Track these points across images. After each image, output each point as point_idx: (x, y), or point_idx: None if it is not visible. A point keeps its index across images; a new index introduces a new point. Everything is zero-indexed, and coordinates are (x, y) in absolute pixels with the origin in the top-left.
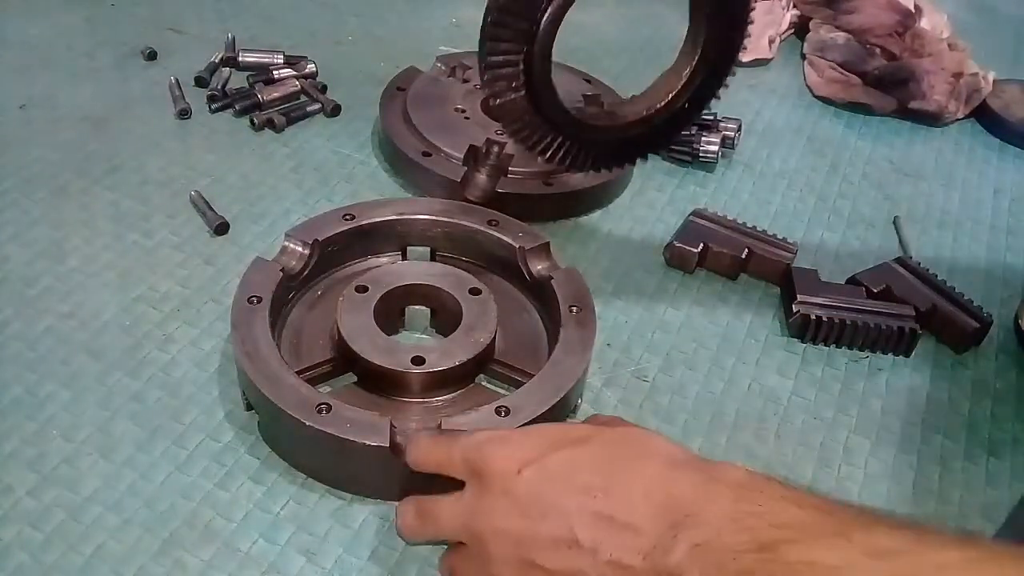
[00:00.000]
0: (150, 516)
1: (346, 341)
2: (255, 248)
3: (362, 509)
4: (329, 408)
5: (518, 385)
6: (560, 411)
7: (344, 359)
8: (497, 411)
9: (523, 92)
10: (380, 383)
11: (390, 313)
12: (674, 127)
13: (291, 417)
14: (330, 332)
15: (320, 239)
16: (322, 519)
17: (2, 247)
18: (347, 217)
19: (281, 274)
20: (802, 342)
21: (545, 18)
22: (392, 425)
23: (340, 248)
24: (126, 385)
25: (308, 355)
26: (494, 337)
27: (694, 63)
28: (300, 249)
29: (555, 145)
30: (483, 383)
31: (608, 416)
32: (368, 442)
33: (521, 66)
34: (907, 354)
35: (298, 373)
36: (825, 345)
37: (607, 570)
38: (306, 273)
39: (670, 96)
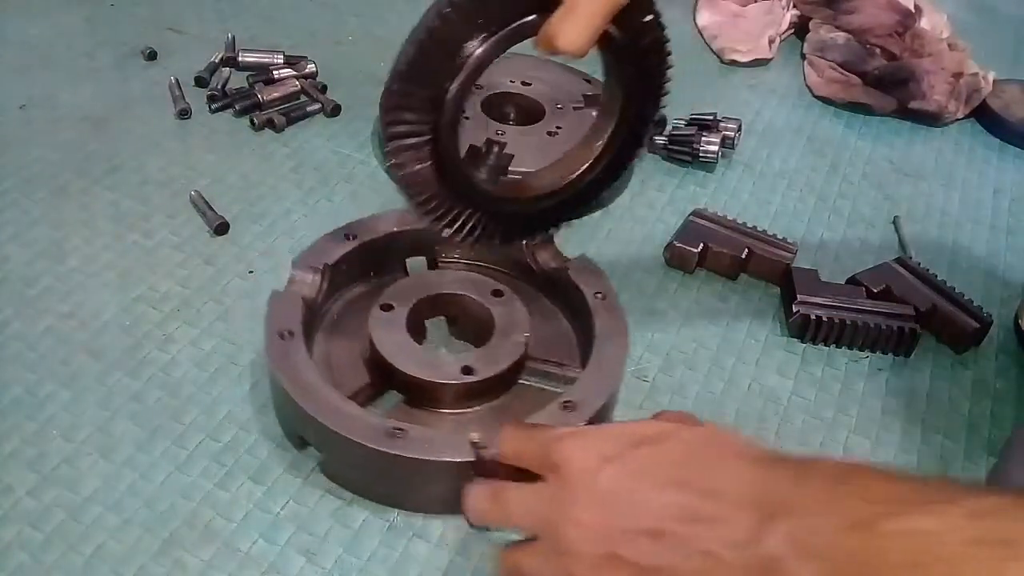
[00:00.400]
0: (150, 516)
1: (388, 361)
2: (255, 248)
3: (362, 509)
4: (402, 431)
5: (558, 379)
6: (615, 399)
7: (382, 379)
8: (563, 407)
9: (430, 163)
10: (426, 398)
11: (419, 327)
12: (590, 196)
13: (367, 447)
14: (362, 354)
15: (329, 263)
16: (322, 519)
17: (2, 247)
18: (349, 236)
19: (303, 304)
20: (802, 342)
21: (454, 86)
22: (473, 441)
23: (347, 268)
24: (126, 385)
25: (346, 382)
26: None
27: (609, 132)
28: (312, 276)
29: (463, 218)
30: (524, 383)
31: (675, 412)
32: (453, 459)
33: (428, 136)
34: (907, 354)
35: None
36: (825, 345)
37: (697, 561)
38: (319, 299)
39: (584, 166)
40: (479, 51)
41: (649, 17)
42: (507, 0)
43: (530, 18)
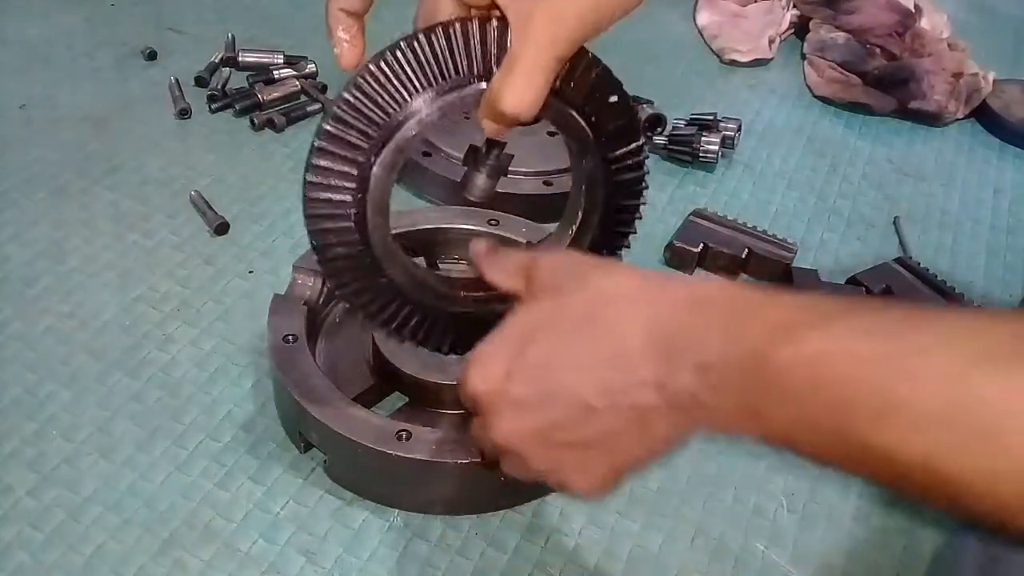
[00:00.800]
0: (150, 516)
1: (394, 364)
2: (255, 248)
3: (362, 509)
4: (409, 434)
5: None
6: None
7: (386, 381)
8: None
9: (360, 248)
10: (430, 399)
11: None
12: None
13: (373, 450)
14: (366, 357)
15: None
16: (322, 519)
17: (2, 247)
18: None
19: (305, 308)
20: None
21: (378, 161)
22: None
23: None
24: (126, 385)
25: (351, 385)
26: None
27: (573, 234)
28: (313, 279)
29: (402, 315)
30: None
31: (544, 258)
32: (459, 460)
33: (352, 218)
34: None
35: None
36: None
37: (631, 419)
38: (321, 302)
39: None
40: (411, 121)
41: (614, 98)
42: (442, 64)
43: (469, 88)
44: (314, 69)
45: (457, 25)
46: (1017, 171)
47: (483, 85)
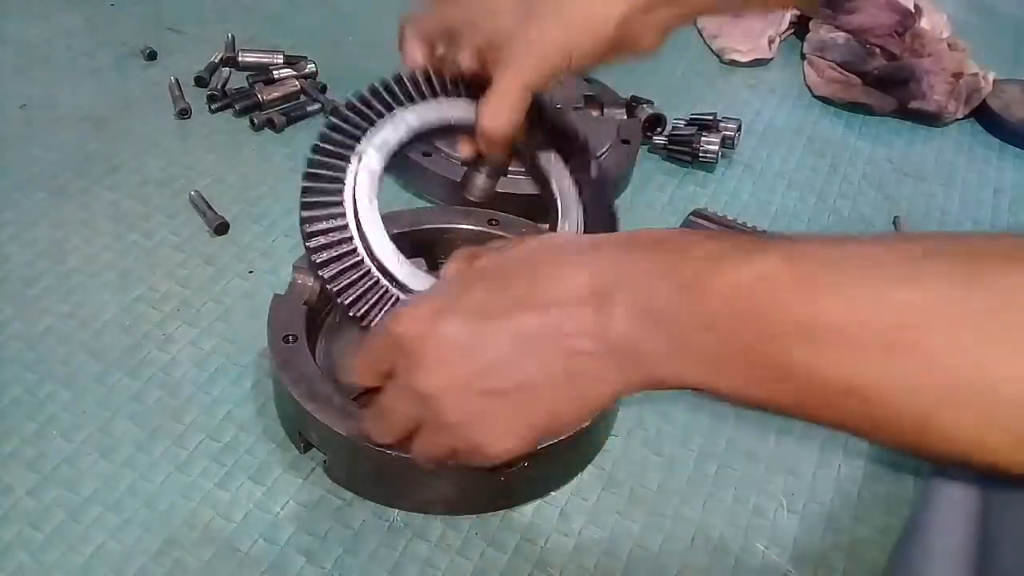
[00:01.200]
0: (150, 516)
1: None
2: (255, 248)
3: (362, 509)
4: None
5: None
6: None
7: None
8: None
9: (370, 268)
10: None
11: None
12: None
13: (373, 450)
14: None
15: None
16: (322, 519)
17: (2, 247)
18: None
19: (305, 308)
20: None
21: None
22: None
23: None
24: (126, 385)
25: (351, 385)
26: None
27: None
28: (313, 280)
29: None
30: None
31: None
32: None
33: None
34: None
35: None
36: None
37: (562, 366)
38: (321, 302)
39: None
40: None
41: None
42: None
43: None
44: (314, 69)
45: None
46: (1017, 171)
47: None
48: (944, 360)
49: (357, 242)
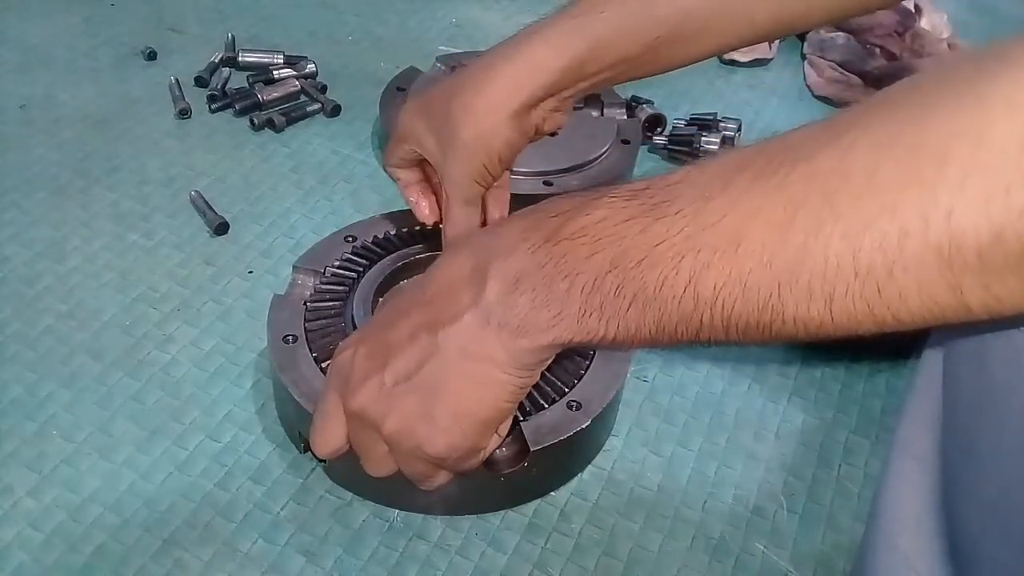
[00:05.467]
0: (150, 516)
1: None
2: (255, 248)
3: (362, 509)
4: None
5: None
6: (620, 397)
7: None
8: (568, 406)
9: None
10: None
11: None
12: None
13: None
14: None
15: (330, 266)
16: (322, 519)
17: (2, 247)
18: (349, 239)
19: (305, 308)
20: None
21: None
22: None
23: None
24: (126, 385)
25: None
26: None
27: None
28: (312, 280)
29: None
30: None
31: None
32: None
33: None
34: (907, 356)
35: None
36: (825, 347)
37: (461, 352)
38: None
39: None
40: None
41: None
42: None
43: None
44: (314, 69)
45: None
46: None
47: None
48: (762, 248)
49: None
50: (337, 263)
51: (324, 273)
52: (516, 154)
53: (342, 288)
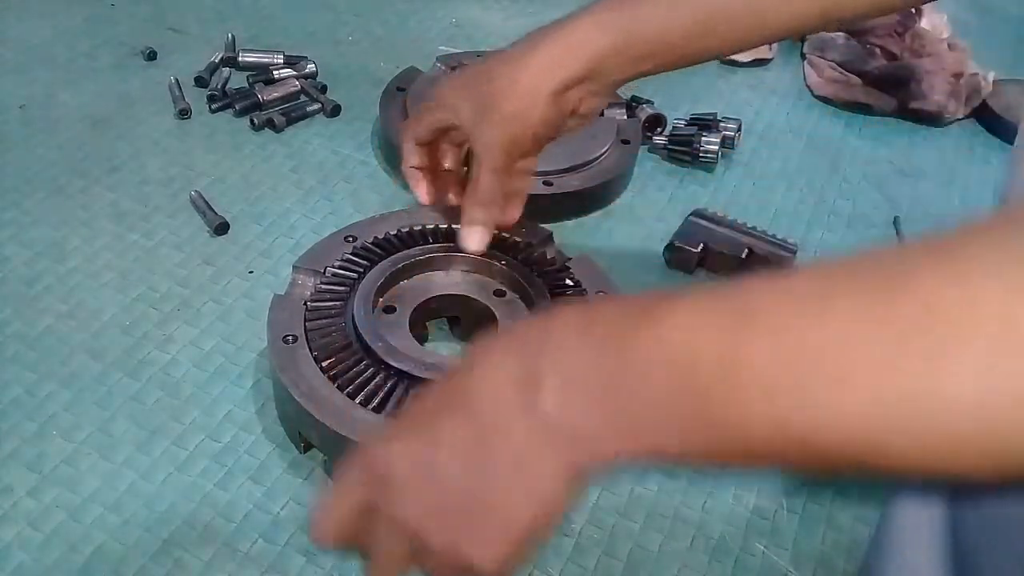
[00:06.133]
0: (150, 516)
1: (393, 365)
2: (255, 248)
3: None
4: None
5: None
6: None
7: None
8: None
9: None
10: None
11: (420, 328)
12: None
13: None
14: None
15: (330, 266)
16: None
17: (2, 247)
18: (349, 239)
19: (305, 308)
20: None
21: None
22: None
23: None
24: (126, 385)
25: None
26: None
27: None
28: (313, 279)
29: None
30: None
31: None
32: None
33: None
34: None
35: None
36: None
37: (512, 464)
38: None
39: None
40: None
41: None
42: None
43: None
44: (314, 69)
45: None
46: None
47: None
48: (870, 383)
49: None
50: (338, 263)
51: (324, 273)
52: (551, 134)
53: (342, 288)
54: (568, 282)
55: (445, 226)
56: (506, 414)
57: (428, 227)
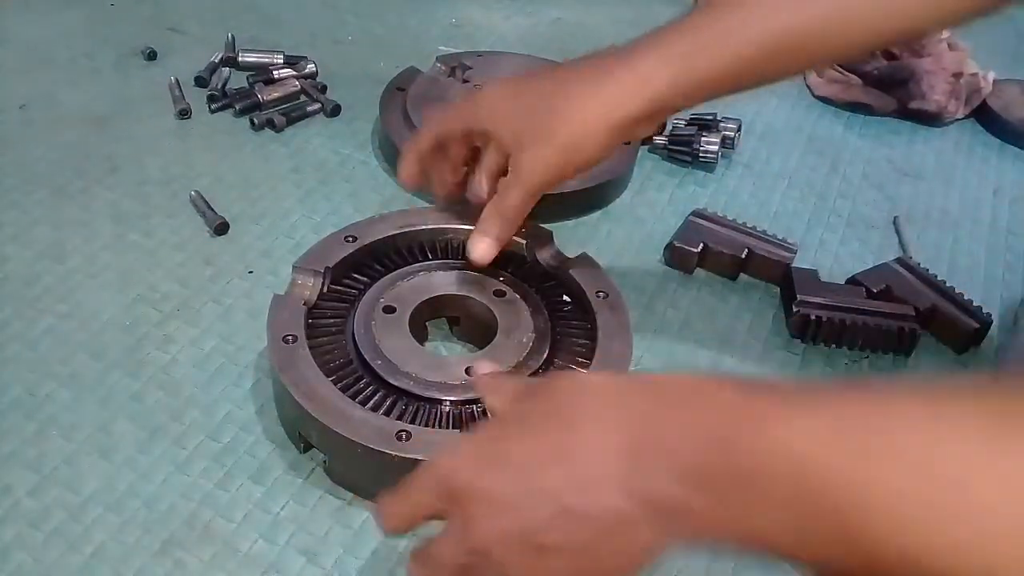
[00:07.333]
0: (150, 516)
1: (395, 365)
2: (255, 248)
3: (362, 509)
4: (408, 435)
5: None
6: None
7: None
8: None
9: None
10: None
11: (420, 328)
12: None
13: (372, 450)
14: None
15: (330, 266)
16: (322, 519)
17: (2, 247)
18: (349, 239)
19: (305, 308)
20: (802, 342)
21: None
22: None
23: (348, 271)
24: (126, 385)
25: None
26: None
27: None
28: (313, 279)
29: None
30: None
31: (514, 384)
32: None
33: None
34: (907, 354)
35: None
36: (825, 345)
37: (611, 524)
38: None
39: None
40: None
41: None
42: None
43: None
44: (314, 69)
45: None
46: (1017, 171)
47: None
48: (998, 515)
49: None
50: (346, 268)
51: (324, 273)
52: (597, 164)
53: (349, 292)
54: (565, 298)
55: (463, 238)
56: (611, 481)
57: (453, 241)
